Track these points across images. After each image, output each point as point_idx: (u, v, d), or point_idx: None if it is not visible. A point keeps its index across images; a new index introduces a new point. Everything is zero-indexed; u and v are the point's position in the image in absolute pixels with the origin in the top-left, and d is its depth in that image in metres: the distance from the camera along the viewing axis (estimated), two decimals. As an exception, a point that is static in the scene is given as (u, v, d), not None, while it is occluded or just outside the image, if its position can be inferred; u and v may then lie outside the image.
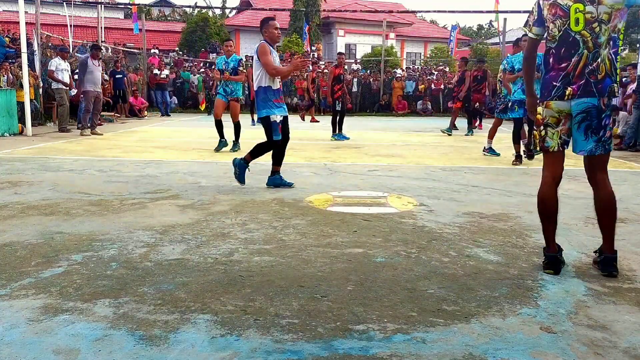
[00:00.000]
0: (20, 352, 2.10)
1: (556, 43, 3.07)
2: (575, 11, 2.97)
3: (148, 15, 33.19)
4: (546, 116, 3.15)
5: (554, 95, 3.08)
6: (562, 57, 3.05)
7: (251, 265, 3.16)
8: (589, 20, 2.97)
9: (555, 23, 3.05)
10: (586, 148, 3.11)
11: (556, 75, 3.07)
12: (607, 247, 3.20)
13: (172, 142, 10.26)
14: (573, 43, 3.01)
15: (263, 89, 5.54)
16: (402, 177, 6.53)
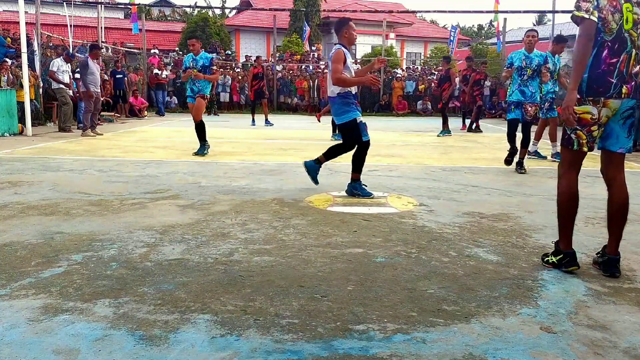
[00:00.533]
0: (20, 352, 2.10)
1: (613, 36, 2.99)
2: (626, 10, 2.98)
3: (148, 15, 33.19)
4: (602, 115, 3.04)
5: (614, 92, 3.01)
6: (615, 52, 3.00)
7: (251, 265, 3.16)
8: (636, 21, 2.99)
9: (614, 16, 2.98)
10: (626, 146, 3.13)
11: (609, 71, 3.00)
12: (612, 248, 3.19)
13: (172, 142, 10.26)
14: (624, 40, 3.00)
15: (344, 94, 5.29)
16: (402, 177, 6.53)
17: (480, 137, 12.63)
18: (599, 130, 3.08)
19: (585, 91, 3.04)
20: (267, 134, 12.20)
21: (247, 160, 7.82)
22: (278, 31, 24.64)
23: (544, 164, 8.06)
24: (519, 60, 6.93)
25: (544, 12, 36.83)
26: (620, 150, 3.13)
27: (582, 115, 3.06)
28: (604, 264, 3.19)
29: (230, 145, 9.79)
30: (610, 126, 3.09)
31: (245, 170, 6.83)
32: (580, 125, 3.08)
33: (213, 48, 26.30)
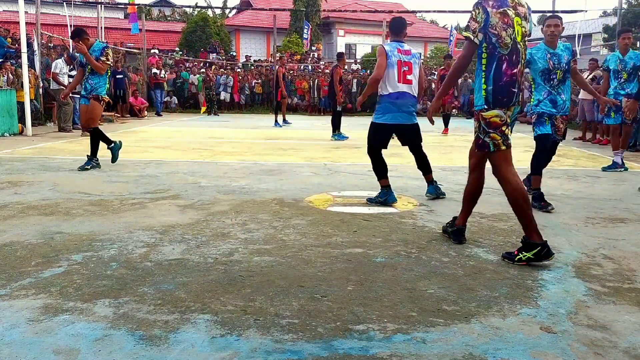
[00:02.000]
0: (20, 352, 2.10)
1: (509, 50, 3.23)
2: (517, 24, 3.24)
3: (148, 15, 33.19)
4: (506, 118, 3.32)
5: (515, 101, 3.32)
6: (513, 64, 3.26)
7: (251, 265, 3.16)
8: (524, 34, 3.29)
9: (507, 31, 3.21)
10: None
11: (511, 82, 3.27)
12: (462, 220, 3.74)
13: (172, 142, 10.26)
14: (518, 52, 3.27)
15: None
16: (402, 177, 6.53)
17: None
18: (509, 128, 3.36)
19: (491, 102, 3.28)
20: (267, 134, 12.20)
21: (247, 160, 7.82)
22: (278, 31, 24.61)
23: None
24: (543, 60, 5.01)
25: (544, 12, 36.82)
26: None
27: (492, 119, 3.31)
28: (453, 234, 3.72)
29: (230, 145, 9.79)
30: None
31: (245, 170, 6.83)
32: (492, 129, 3.31)
33: (213, 48, 26.32)
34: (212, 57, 24.86)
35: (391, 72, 4.90)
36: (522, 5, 3.31)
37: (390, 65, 4.89)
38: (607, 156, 8.24)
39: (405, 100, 4.93)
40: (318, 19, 30.44)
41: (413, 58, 5.02)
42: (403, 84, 4.92)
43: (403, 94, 4.91)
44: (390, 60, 4.88)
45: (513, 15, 3.22)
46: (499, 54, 3.23)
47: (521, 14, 3.27)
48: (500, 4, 3.22)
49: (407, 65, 4.94)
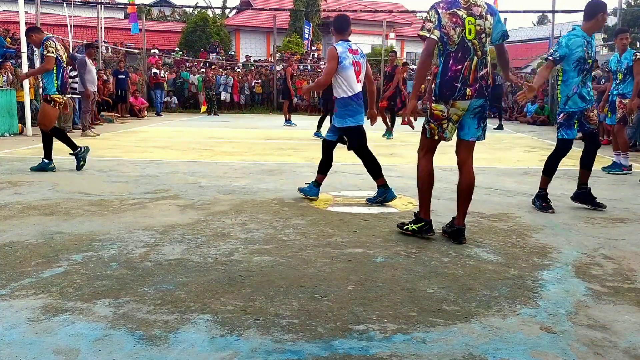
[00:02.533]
0: (20, 352, 2.10)
1: (455, 47, 3.54)
2: (468, 22, 3.52)
3: (148, 15, 33.18)
4: (450, 113, 3.63)
5: (458, 95, 3.58)
6: (459, 60, 3.55)
7: (251, 265, 3.16)
8: (478, 32, 3.54)
9: (455, 30, 3.52)
10: (476, 135, 3.74)
11: (455, 77, 3.56)
12: (460, 220, 3.80)
13: (172, 142, 10.26)
14: (467, 49, 3.54)
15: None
16: (402, 177, 6.53)
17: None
18: (449, 124, 3.66)
19: (438, 95, 3.64)
20: (267, 134, 12.20)
21: (247, 160, 7.82)
22: (278, 31, 24.63)
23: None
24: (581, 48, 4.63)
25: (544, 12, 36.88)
26: (471, 138, 3.74)
27: (435, 112, 3.66)
28: (452, 233, 3.77)
29: (230, 145, 9.79)
30: (464, 120, 3.68)
31: (245, 170, 6.83)
32: (433, 120, 3.68)
33: (213, 48, 26.32)
34: (212, 57, 24.86)
35: (349, 74, 4.82)
36: (479, 5, 3.57)
37: (346, 67, 4.82)
38: (607, 156, 8.24)
39: (361, 101, 4.94)
40: (318, 19, 30.43)
41: (362, 58, 4.96)
42: (358, 84, 4.91)
43: (360, 95, 4.91)
44: (345, 63, 4.81)
45: (464, 15, 3.52)
46: (448, 50, 3.56)
47: (476, 13, 3.54)
48: (450, 5, 3.54)
49: (358, 65, 4.89)
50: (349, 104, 4.86)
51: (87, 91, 11.24)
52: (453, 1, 3.56)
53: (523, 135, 13.19)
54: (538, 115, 17.17)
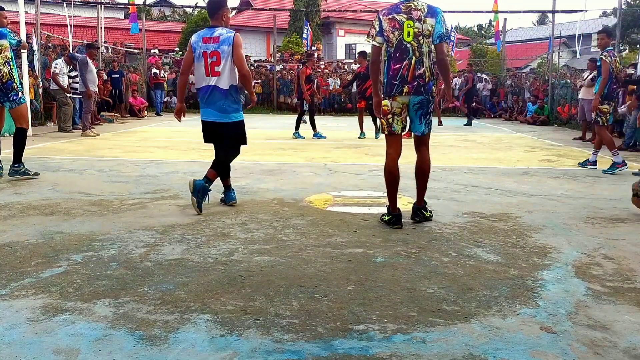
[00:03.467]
0: (20, 352, 2.10)
1: (394, 49, 3.93)
2: (407, 26, 3.87)
3: (148, 15, 33.18)
4: (393, 107, 4.03)
5: (396, 91, 3.97)
6: (397, 60, 3.93)
7: (251, 265, 3.16)
8: (416, 34, 3.88)
9: (394, 33, 3.91)
10: (420, 130, 4.14)
11: (394, 75, 3.96)
12: (420, 201, 4.28)
13: (172, 142, 10.26)
14: (405, 50, 3.91)
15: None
16: (402, 177, 6.51)
17: (480, 137, 12.63)
18: (394, 118, 4.05)
19: (384, 92, 4.08)
20: (267, 134, 12.20)
21: (247, 160, 7.82)
22: (278, 31, 24.62)
23: (544, 164, 8.05)
24: None
25: (544, 12, 36.86)
26: (417, 133, 4.17)
27: (383, 107, 4.07)
28: (413, 213, 4.24)
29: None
30: (410, 116, 4.10)
31: (245, 170, 6.83)
32: (383, 115, 4.09)
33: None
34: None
35: (199, 66, 4.52)
36: (418, 9, 3.91)
37: (197, 58, 4.50)
38: (607, 156, 8.24)
39: (214, 96, 4.51)
40: (318, 19, 30.43)
41: (222, 46, 4.41)
42: (212, 77, 4.48)
43: (212, 89, 4.50)
44: (196, 53, 4.49)
45: (403, 19, 3.89)
46: (389, 52, 3.98)
47: (414, 17, 3.88)
48: (391, 11, 3.95)
49: (215, 56, 4.43)
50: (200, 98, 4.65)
51: (88, 91, 11.22)
52: (394, 7, 3.97)
53: (523, 135, 13.19)
54: (538, 115, 17.16)
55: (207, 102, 4.57)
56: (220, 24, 4.52)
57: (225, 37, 4.42)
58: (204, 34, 4.48)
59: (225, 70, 4.45)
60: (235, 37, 4.44)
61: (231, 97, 4.53)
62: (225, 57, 4.43)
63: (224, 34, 4.44)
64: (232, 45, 4.42)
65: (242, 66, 4.46)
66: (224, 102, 4.52)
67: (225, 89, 4.49)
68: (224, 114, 4.56)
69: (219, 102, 4.52)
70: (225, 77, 4.46)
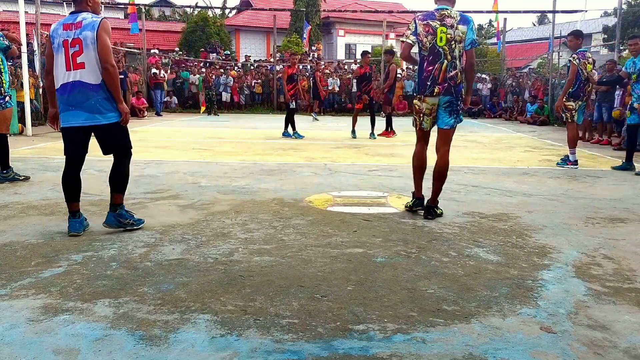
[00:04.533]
0: (20, 352, 2.10)
1: (427, 52, 4.27)
2: (440, 32, 4.21)
3: (148, 16, 33.18)
4: (423, 108, 4.41)
5: (428, 91, 4.31)
6: (430, 62, 4.27)
7: (251, 265, 3.16)
8: (449, 39, 4.22)
9: (427, 38, 4.25)
10: (448, 123, 4.38)
11: (427, 77, 4.29)
12: (431, 199, 4.49)
13: (172, 142, 10.26)
14: (438, 54, 4.24)
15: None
16: (402, 177, 6.53)
17: (480, 137, 12.64)
18: (424, 117, 4.43)
19: (415, 91, 4.46)
20: (267, 134, 12.19)
21: (247, 160, 7.82)
22: (278, 31, 24.61)
23: (544, 164, 8.05)
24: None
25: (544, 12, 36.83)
26: (445, 127, 4.40)
27: (415, 105, 4.50)
28: (425, 210, 4.46)
29: (230, 145, 9.78)
30: (438, 113, 4.39)
31: (245, 170, 6.83)
32: (414, 113, 4.51)
33: (213, 48, 26.31)
34: (212, 57, 24.85)
35: (59, 59, 3.69)
36: (452, 17, 4.24)
37: (55, 49, 3.70)
38: (607, 156, 8.24)
39: (79, 93, 3.65)
40: (318, 19, 30.43)
41: (84, 31, 3.62)
42: (75, 71, 3.64)
43: (74, 85, 3.64)
44: (55, 43, 3.69)
45: (437, 25, 4.22)
46: (422, 55, 4.32)
47: (447, 24, 4.22)
48: (425, 17, 4.29)
49: (77, 44, 3.61)
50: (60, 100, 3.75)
51: None
52: (429, 14, 4.30)
53: (523, 135, 13.19)
54: (538, 115, 17.16)
55: (71, 103, 3.67)
56: (85, 9, 3.74)
57: (90, 21, 3.64)
58: (65, 21, 3.71)
59: (92, 61, 3.63)
60: (102, 22, 3.66)
61: (104, 93, 3.68)
62: (88, 45, 3.61)
63: (88, 19, 3.66)
64: (96, 30, 3.61)
65: (106, 58, 3.60)
66: (95, 99, 3.66)
67: (95, 83, 3.65)
68: (98, 114, 3.68)
69: (87, 101, 3.65)
70: (93, 69, 3.64)
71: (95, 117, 3.69)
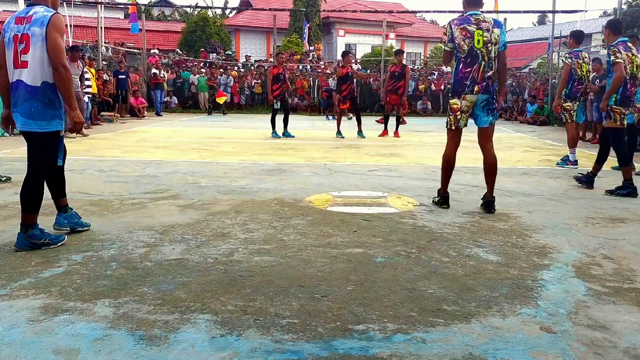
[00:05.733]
0: (20, 352, 2.10)
1: (465, 54, 4.51)
2: (477, 35, 4.46)
3: (148, 15, 33.18)
4: (462, 105, 4.59)
5: (467, 90, 4.53)
6: (468, 64, 4.51)
7: (251, 265, 3.16)
8: (485, 42, 4.47)
9: (465, 41, 4.48)
10: (487, 121, 4.64)
11: (465, 77, 4.53)
12: (489, 193, 4.72)
13: (172, 142, 10.26)
14: (475, 55, 4.49)
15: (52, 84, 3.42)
16: (402, 177, 6.53)
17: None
18: (462, 115, 4.61)
19: (453, 92, 4.65)
20: (267, 134, 12.20)
21: (247, 160, 7.82)
22: (278, 31, 24.62)
23: (544, 164, 8.05)
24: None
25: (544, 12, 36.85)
26: (485, 125, 4.66)
27: (452, 105, 4.66)
28: (485, 205, 4.69)
29: (230, 145, 9.79)
30: (475, 112, 4.63)
31: (245, 170, 6.83)
32: (451, 112, 4.67)
33: (213, 48, 26.31)
34: (212, 57, 24.86)
35: (8, 55, 3.39)
36: (486, 21, 4.51)
37: (7, 44, 3.39)
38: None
39: (19, 94, 3.37)
40: (318, 19, 30.44)
41: (33, 27, 3.30)
42: (19, 69, 3.35)
43: (18, 84, 3.37)
44: (6, 38, 3.40)
45: (474, 29, 4.46)
46: (459, 57, 4.54)
47: (483, 27, 4.47)
48: (462, 22, 4.51)
49: (25, 40, 3.31)
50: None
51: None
52: (465, 19, 4.52)
53: (523, 135, 13.19)
54: (538, 116, 17.17)
55: (14, 103, 3.42)
56: (40, 2, 3.44)
57: (40, 16, 3.31)
58: (19, 14, 3.43)
59: (35, 61, 3.32)
60: (53, 17, 3.32)
61: (43, 97, 3.35)
62: (35, 43, 3.30)
63: (40, 12, 3.34)
64: (46, 26, 3.28)
65: (56, 57, 3.29)
66: (31, 103, 3.34)
67: (35, 85, 3.33)
68: (30, 119, 3.36)
69: (24, 104, 3.35)
70: (34, 70, 3.33)
71: (27, 123, 3.37)
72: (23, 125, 3.41)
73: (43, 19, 3.31)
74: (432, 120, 19.08)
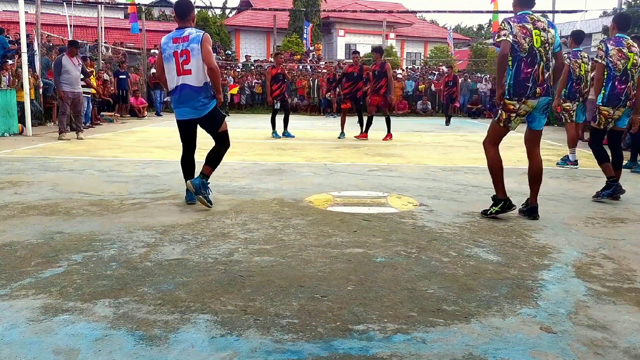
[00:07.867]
0: (20, 352, 2.10)
1: (526, 54, 4.27)
2: (535, 34, 4.28)
3: (149, 15, 33.18)
4: (520, 109, 4.33)
5: (530, 93, 4.28)
6: (529, 64, 4.29)
7: (251, 265, 3.16)
8: (543, 42, 4.30)
9: (525, 40, 4.26)
10: (541, 125, 4.48)
11: (527, 78, 4.28)
12: (533, 200, 4.50)
13: (172, 142, 10.25)
14: (535, 55, 4.29)
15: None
16: (402, 177, 6.53)
17: (480, 137, 12.64)
18: (516, 117, 4.36)
19: (511, 93, 4.32)
20: (267, 134, 12.20)
21: (247, 160, 7.82)
22: (278, 31, 24.64)
23: (544, 164, 8.03)
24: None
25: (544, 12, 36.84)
26: (540, 128, 4.48)
27: (509, 105, 4.34)
28: (528, 211, 4.48)
29: (230, 145, 9.77)
30: (533, 115, 4.41)
31: (245, 170, 6.83)
32: (505, 110, 4.36)
33: (213, 48, 26.31)
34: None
35: (170, 66, 4.65)
36: (541, 21, 4.36)
37: (167, 59, 4.64)
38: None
39: (186, 93, 4.64)
40: (318, 19, 30.44)
41: (191, 44, 4.55)
42: (183, 76, 4.60)
43: (183, 87, 4.63)
44: (165, 54, 4.64)
45: (531, 28, 4.27)
46: (519, 56, 4.27)
47: (539, 27, 4.30)
48: (520, 20, 4.31)
49: (185, 54, 4.57)
50: (172, 98, 4.78)
51: (59, 92, 10.83)
52: (522, 17, 4.34)
53: (523, 135, 13.19)
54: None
55: (180, 101, 4.69)
56: (189, 25, 4.70)
57: (195, 35, 4.58)
58: (174, 35, 4.63)
59: (195, 68, 4.57)
60: (204, 35, 4.61)
61: (203, 93, 4.65)
62: (195, 55, 4.55)
63: (193, 33, 4.59)
64: (200, 42, 4.55)
65: (210, 61, 4.55)
66: (196, 99, 4.65)
67: (198, 86, 4.61)
68: (197, 110, 4.71)
69: (191, 101, 4.65)
70: (196, 75, 4.59)
71: (195, 112, 4.72)
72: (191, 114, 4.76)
73: (198, 38, 4.56)
74: (432, 120, 19.08)
